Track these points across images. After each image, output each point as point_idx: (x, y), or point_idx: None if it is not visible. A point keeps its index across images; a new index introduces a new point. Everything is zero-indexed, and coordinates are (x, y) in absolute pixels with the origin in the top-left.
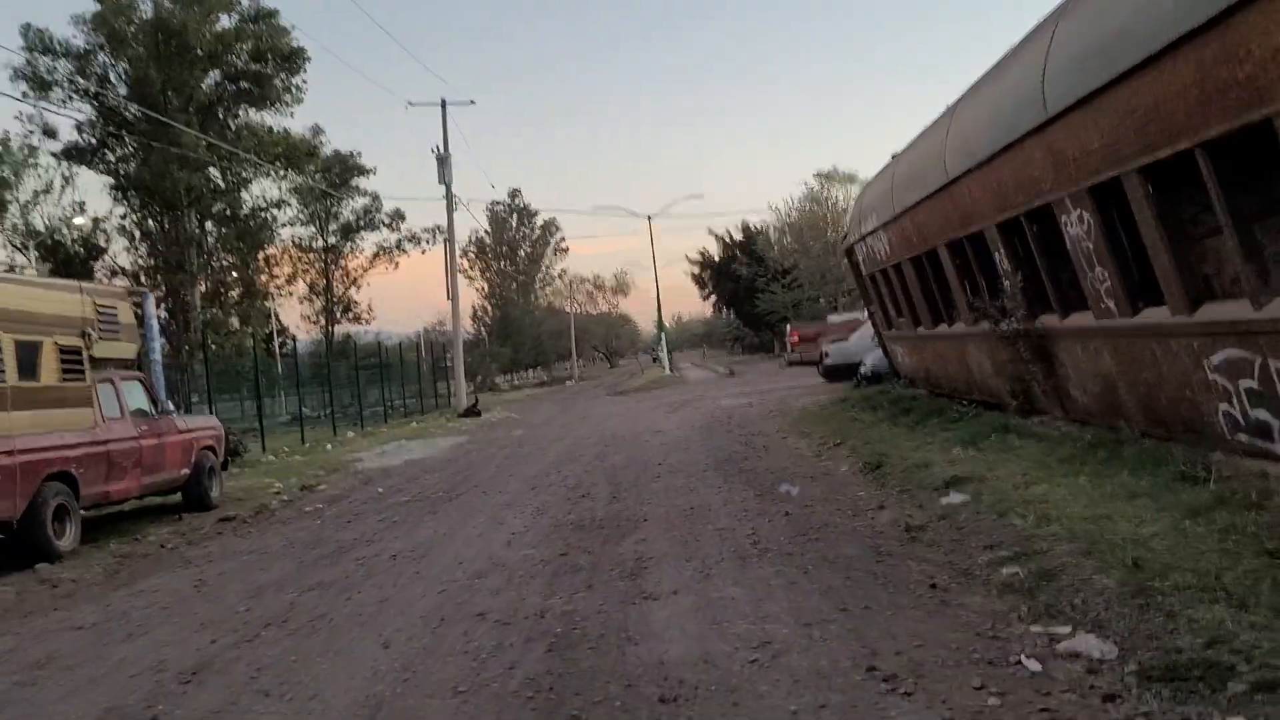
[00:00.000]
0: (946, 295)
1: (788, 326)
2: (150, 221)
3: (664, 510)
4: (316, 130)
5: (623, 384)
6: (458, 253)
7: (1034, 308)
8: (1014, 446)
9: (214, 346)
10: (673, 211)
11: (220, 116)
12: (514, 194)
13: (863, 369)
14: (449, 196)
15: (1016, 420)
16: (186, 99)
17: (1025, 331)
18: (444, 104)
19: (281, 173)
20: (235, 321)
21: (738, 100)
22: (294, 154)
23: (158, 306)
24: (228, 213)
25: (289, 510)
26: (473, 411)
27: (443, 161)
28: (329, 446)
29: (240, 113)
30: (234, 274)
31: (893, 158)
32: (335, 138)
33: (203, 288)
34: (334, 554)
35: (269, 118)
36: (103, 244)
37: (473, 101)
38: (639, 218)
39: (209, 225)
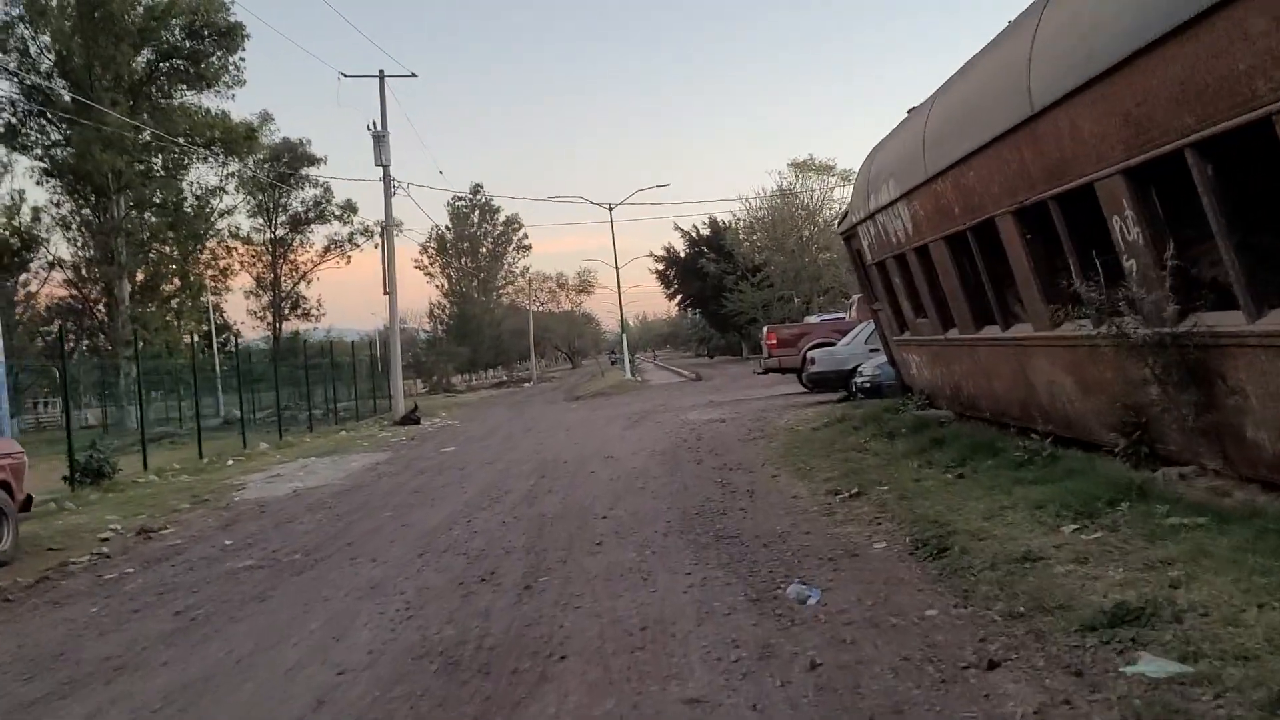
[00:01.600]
0: (1001, 287)
1: (763, 329)
2: (86, 210)
3: (598, 630)
4: (265, 117)
5: (581, 387)
6: (414, 247)
7: (1186, 302)
8: (1178, 529)
9: (144, 344)
10: (637, 201)
11: (153, 98)
12: (476, 189)
13: (859, 380)
14: (386, 179)
15: (1143, 475)
16: (115, 78)
17: (1173, 338)
18: (382, 76)
19: (219, 158)
20: (170, 317)
21: (706, 91)
22: (231, 137)
23: (94, 301)
24: (159, 200)
25: (85, 578)
26: (410, 419)
27: (379, 140)
28: (230, 462)
29: (176, 94)
30: (171, 266)
31: (910, 113)
32: (284, 126)
33: (140, 280)
34: None
35: (209, 100)
36: (44, 235)
37: (414, 74)
38: (599, 209)
39: (149, 216)
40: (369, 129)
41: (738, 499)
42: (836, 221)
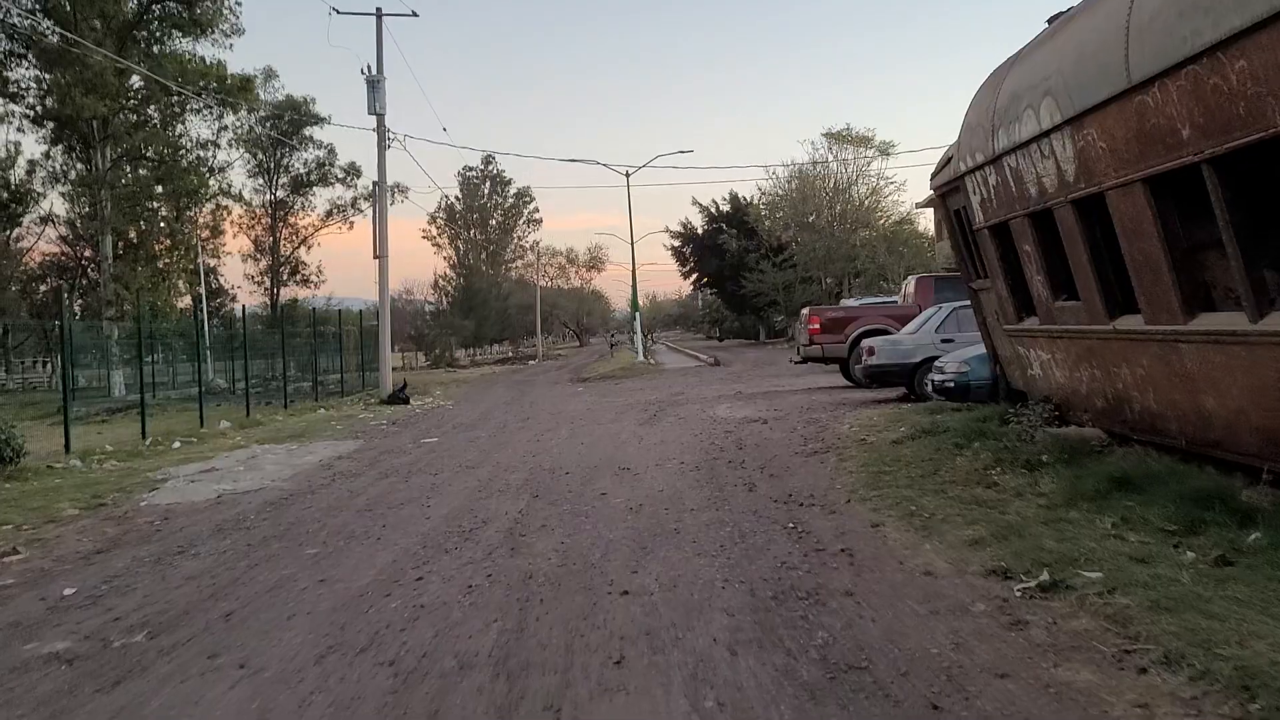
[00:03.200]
0: (1255, 254)
1: (802, 311)
2: (81, 165)
3: None
4: (269, 73)
5: (589, 368)
6: (423, 217)
7: None
8: None
9: (129, 306)
10: (657, 166)
11: (144, 43)
12: (488, 160)
13: (937, 377)
14: (380, 129)
15: None
16: (102, 17)
17: None
18: (379, 14)
19: (214, 110)
20: (155, 279)
21: (732, 56)
22: (226, 88)
23: (86, 260)
24: (146, 152)
25: None
26: (398, 398)
27: (374, 85)
28: (176, 444)
29: (169, 41)
30: (160, 225)
31: (1054, 21)
32: (290, 84)
33: (130, 237)
34: None
35: (205, 49)
36: (39, 190)
37: (414, 13)
38: (614, 182)
39: (138, 170)
40: (363, 73)
41: (832, 568)
42: (933, 173)
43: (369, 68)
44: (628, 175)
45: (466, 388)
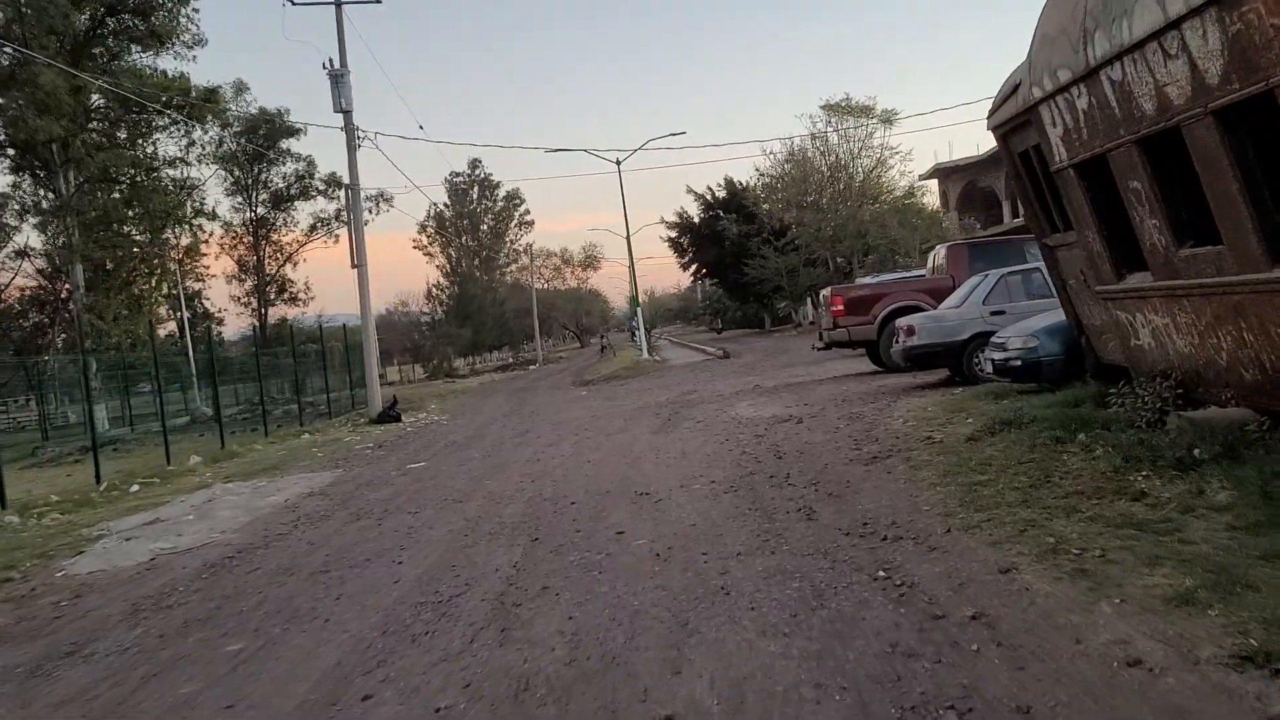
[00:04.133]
0: None
1: (824, 292)
2: (52, 194)
3: None
4: (240, 87)
5: (591, 369)
6: (413, 226)
7: None
8: None
9: (100, 335)
10: (652, 148)
11: (99, 59)
12: (474, 164)
13: (996, 355)
14: (348, 127)
15: None
16: (53, 34)
17: None
18: (338, 2)
19: (181, 126)
20: (129, 307)
21: (723, 34)
22: (189, 100)
23: (61, 292)
24: (112, 173)
25: None
26: (389, 415)
27: (338, 80)
28: (135, 487)
29: (127, 56)
30: (134, 250)
31: None
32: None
33: (102, 265)
34: None
35: (167, 63)
36: (12, 222)
37: (378, 0)
38: (605, 174)
39: (106, 194)
40: (324, 68)
41: (971, 650)
42: (992, 108)
43: (331, 62)
44: (618, 163)
45: (464, 399)
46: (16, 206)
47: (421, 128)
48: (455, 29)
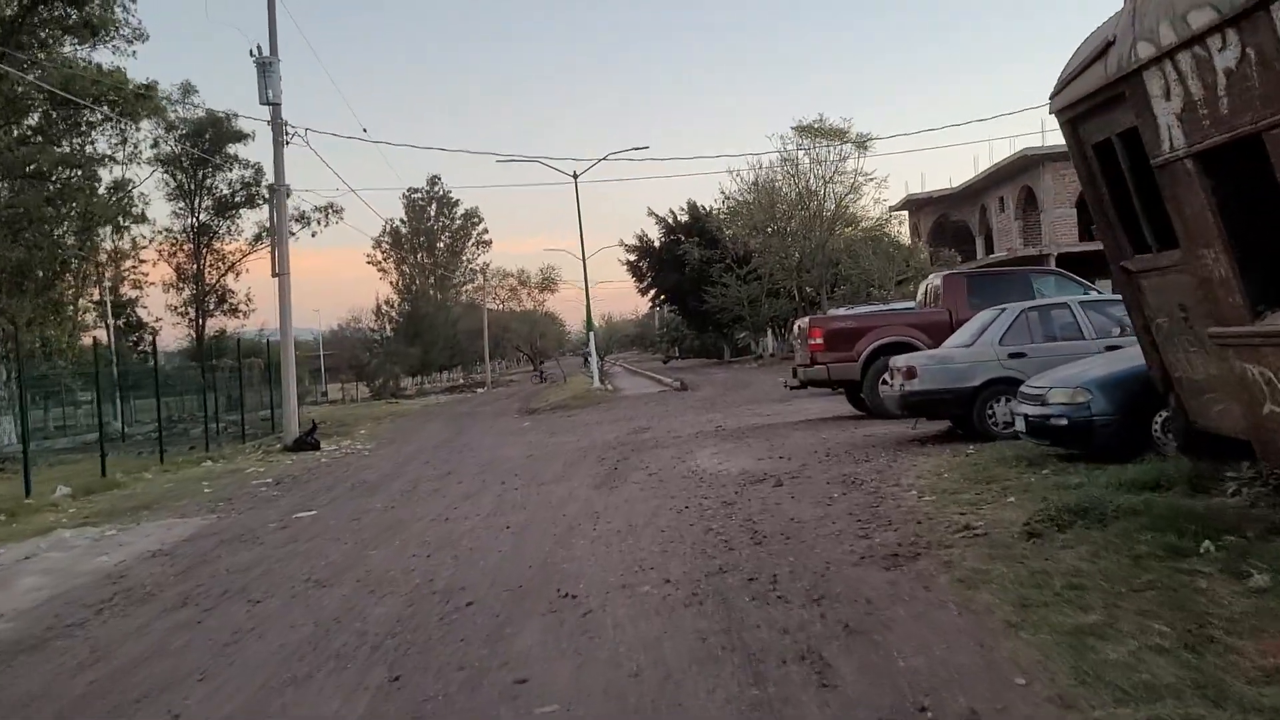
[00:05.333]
0: None
1: (800, 323)
2: None
3: None
4: (188, 89)
5: (539, 396)
6: (370, 239)
7: None
8: None
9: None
10: (613, 160)
11: (28, 48)
12: (433, 180)
13: (1031, 410)
14: (276, 121)
15: None
16: None
17: None
18: None
19: (112, 120)
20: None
21: (692, 47)
22: (123, 95)
23: None
24: (31, 169)
25: None
26: (306, 442)
27: (266, 68)
28: None
29: (56, 47)
30: (59, 251)
31: None
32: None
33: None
34: None
35: (103, 57)
36: None
37: None
38: (563, 178)
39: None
40: (252, 55)
41: None
42: (1060, 85)
43: (259, 48)
44: (575, 176)
45: (400, 423)
46: None
47: (365, 130)
48: (409, 37)
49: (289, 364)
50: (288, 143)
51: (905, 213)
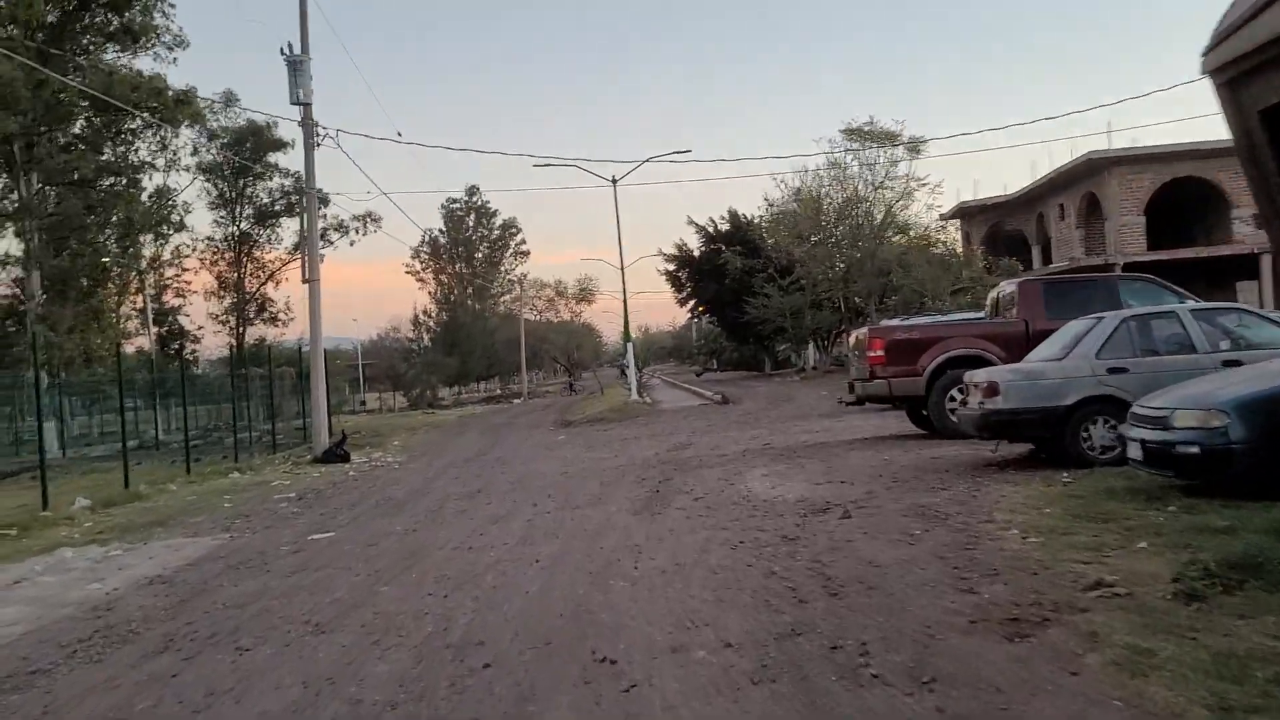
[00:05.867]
0: None
1: (859, 333)
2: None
3: None
4: (229, 98)
5: (576, 409)
6: (409, 248)
7: None
8: None
9: (50, 349)
10: (657, 162)
11: (70, 56)
12: (472, 190)
13: (1150, 435)
14: (307, 121)
15: None
16: (16, 24)
17: None
18: None
19: (152, 127)
20: (87, 317)
21: (736, 53)
22: (164, 100)
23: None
24: (75, 175)
25: None
26: (335, 454)
27: (296, 66)
28: None
29: (97, 53)
30: (105, 259)
31: None
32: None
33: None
34: None
35: (145, 63)
36: None
37: None
38: (602, 184)
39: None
40: (282, 53)
41: None
42: (1209, 45)
43: (290, 46)
44: (614, 181)
45: (434, 435)
46: None
47: (400, 134)
48: (450, 43)
49: (319, 373)
50: (319, 145)
51: (957, 221)
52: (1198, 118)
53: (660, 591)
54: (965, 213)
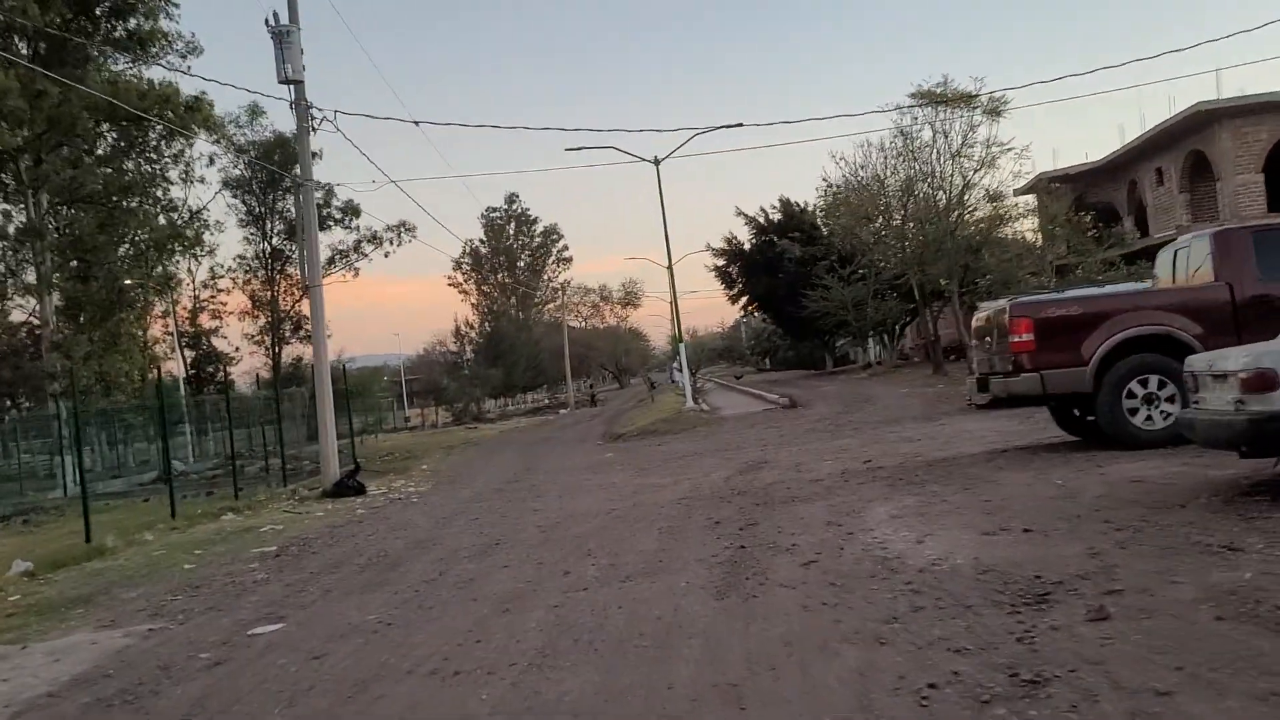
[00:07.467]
0: None
1: (987, 313)
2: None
3: None
4: (255, 111)
5: (625, 419)
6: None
7: None
8: None
9: (78, 379)
10: (694, 159)
11: (76, 65)
12: (511, 199)
13: None
14: (299, 101)
15: None
16: (16, 33)
17: None
18: None
19: (165, 138)
20: (105, 341)
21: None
22: (174, 106)
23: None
24: (82, 192)
25: None
26: (347, 486)
27: (282, 38)
28: None
29: (105, 62)
30: (127, 280)
31: None
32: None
33: (78, 296)
34: None
35: (157, 73)
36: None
37: None
38: (641, 172)
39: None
40: (267, 24)
41: None
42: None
43: (275, 16)
44: (657, 162)
45: (469, 454)
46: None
47: (417, 124)
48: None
49: (324, 396)
50: (315, 129)
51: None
52: None
53: None
54: (1043, 184)
